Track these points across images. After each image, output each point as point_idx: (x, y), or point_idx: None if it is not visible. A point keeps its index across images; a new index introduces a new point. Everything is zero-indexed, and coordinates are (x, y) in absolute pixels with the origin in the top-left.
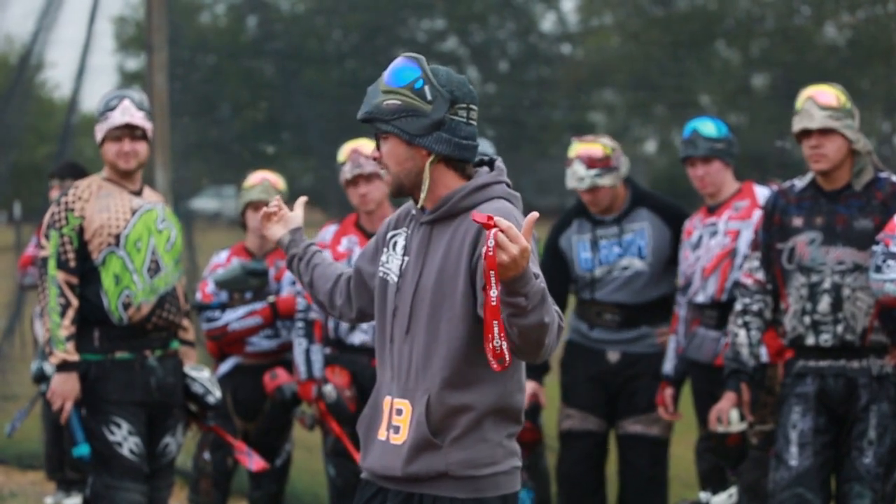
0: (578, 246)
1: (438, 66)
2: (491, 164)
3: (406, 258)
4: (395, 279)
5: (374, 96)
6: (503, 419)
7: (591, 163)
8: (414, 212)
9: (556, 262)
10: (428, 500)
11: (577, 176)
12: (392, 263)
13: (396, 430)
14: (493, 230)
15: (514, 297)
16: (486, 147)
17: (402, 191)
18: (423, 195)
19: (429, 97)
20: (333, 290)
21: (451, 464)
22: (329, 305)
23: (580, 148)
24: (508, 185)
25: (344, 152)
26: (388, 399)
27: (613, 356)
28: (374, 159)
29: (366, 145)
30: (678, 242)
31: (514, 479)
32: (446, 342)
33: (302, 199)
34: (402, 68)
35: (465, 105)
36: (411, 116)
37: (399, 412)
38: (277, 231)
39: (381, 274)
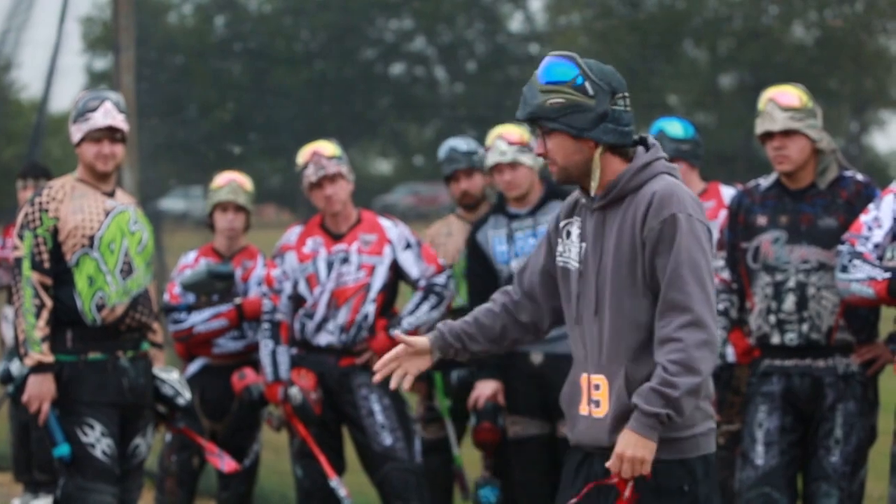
0: (494, 240)
1: (588, 59)
2: (644, 142)
3: (583, 244)
4: (576, 265)
5: (532, 96)
6: None
7: (511, 141)
8: (584, 200)
9: (478, 259)
10: None
11: (500, 150)
12: (570, 251)
13: (597, 404)
14: (629, 488)
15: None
16: (467, 145)
17: (570, 180)
18: (594, 184)
19: (591, 92)
20: (511, 320)
21: None
22: (521, 335)
23: (500, 130)
24: (666, 159)
25: (303, 155)
26: (584, 376)
27: (537, 358)
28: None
29: (325, 147)
30: None
31: (711, 441)
32: (632, 317)
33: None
34: (557, 66)
35: (622, 94)
36: (577, 112)
37: (597, 387)
38: (424, 363)
39: (560, 263)
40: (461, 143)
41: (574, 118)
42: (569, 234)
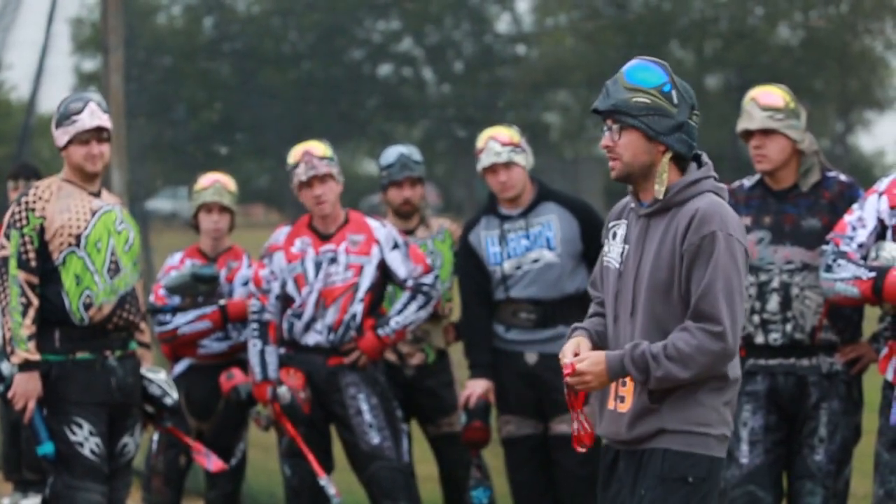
0: (487, 241)
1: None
2: (698, 158)
3: (626, 246)
4: (617, 265)
5: (616, 92)
6: (719, 387)
7: (504, 142)
8: (633, 205)
9: (472, 260)
10: (647, 455)
11: (494, 151)
12: (613, 252)
13: (622, 399)
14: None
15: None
16: (416, 154)
17: (629, 178)
18: (658, 187)
19: (675, 101)
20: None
21: (666, 420)
22: None
23: (491, 132)
24: (715, 179)
25: (295, 154)
26: None
27: (531, 357)
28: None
29: (317, 147)
30: (587, 236)
31: (722, 446)
32: (662, 323)
33: None
34: (647, 69)
35: (696, 111)
36: (658, 115)
37: (624, 383)
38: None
39: (604, 262)
40: (411, 152)
41: (654, 120)
42: (615, 235)
